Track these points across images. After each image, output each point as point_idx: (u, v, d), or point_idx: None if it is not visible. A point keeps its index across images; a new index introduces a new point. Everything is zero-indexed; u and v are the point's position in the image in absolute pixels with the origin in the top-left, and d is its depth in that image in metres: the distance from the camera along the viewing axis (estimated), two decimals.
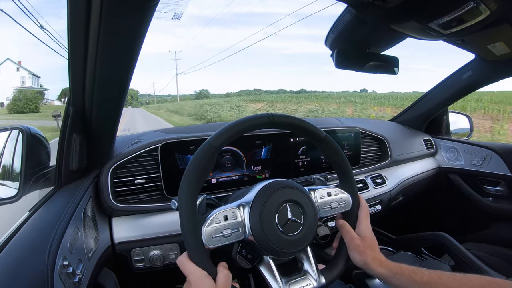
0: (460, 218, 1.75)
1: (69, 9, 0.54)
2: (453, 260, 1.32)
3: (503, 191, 1.54)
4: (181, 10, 0.67)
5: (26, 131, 0.81)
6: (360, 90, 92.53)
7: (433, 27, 0.78)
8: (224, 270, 0.63)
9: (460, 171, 1.69)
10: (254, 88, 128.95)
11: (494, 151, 1.54)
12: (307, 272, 0.73)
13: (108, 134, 0.89)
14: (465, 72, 1.47)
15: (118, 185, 0.95)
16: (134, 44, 0.60)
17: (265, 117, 0.71)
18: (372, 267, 0.71)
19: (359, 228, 0.78)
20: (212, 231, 0.63)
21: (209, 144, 0.66)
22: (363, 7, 0.75)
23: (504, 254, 1.42)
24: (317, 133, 0.77)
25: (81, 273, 0.64)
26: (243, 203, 0.69)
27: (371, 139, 1.52)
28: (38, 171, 0.84)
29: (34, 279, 0.51)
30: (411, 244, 1.51)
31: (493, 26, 0.85)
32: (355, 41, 1.00)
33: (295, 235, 0.68)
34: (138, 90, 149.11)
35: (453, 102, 1.70)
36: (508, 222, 1.53)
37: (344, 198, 0.79)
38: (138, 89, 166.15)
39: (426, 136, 1.80)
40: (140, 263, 0.94)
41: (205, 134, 1.03)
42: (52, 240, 0.58)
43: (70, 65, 0.67)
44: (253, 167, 1.13)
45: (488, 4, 0.69)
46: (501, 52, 1.13)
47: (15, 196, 0.77)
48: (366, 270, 0.73)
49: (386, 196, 1.43)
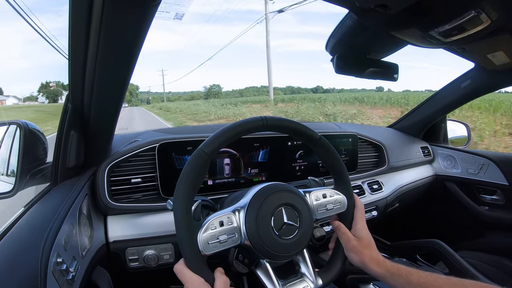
0: (455, 226, 1.75)
1: (71, 6, 0.54)
2: (448, 268, 1.32)
3: (499, 200, 1.55)
4: (183, 10, 0.67)
5: (24, 126, 0.80)
6: (376, 88, 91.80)
7: (434, 35, 0.79)
8: (221, 276, 0.63)
9: (456, 179, 1.69)
10: (261, 85, 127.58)
11: (491, 160, 1.55)
12: (304, 274, 0.73)
13: (106, 132, 0.89)
14: (464, 80, 1.47)
15: (115, 183, 0.95)
16: (135, 43, 0.60)
17: (259, 121, 0.71)
18: (369, 266, 0.71)
19: (355, 229, 0.78)
20: (208, 237, 0.62)
21: (202, 150, 0.66)
22: (364, 13, 0.75)
23: (499, 263, 1.42)
24: (311, 135, 0.78)
25: (74, 270, 0.63)
26: (239, 207, 0.68)
27: (368, 145, 1.52)
28: (35, 167, 0.84)
29: (27, 275, 0.50)
30: (406, 250, 1.51)
31: (494, 36, 0.86)
32: (356, 47, 1.00)
33: (291, 238, 0.68)
34: (138, 85, 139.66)
35: (451, 110, 1.71)
36: (503, 231, 1.53)
37: (339, 199, 0.79)
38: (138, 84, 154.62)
39: (423, 143, 1.80)
40: (134, 262, 0.93)
41: (202, 135, 1.03)
42: (46, 236, 0.58)
43: (70, 62, 0.67)
44: (250, 170, 1.13)
45: (489, 13, 0.69)
46: (501, 62, 1.13)
47: (10, 191, 0.77)
48: (364, 270, 0.73)
49: (383, 202, 1.43)
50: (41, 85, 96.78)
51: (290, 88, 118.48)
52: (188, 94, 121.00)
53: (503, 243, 1.51)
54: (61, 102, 69.95)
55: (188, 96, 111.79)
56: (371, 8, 0.66)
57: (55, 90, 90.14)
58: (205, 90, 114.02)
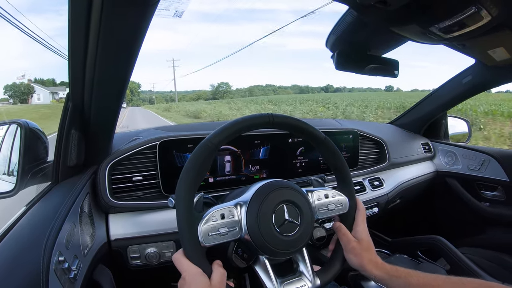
0: (456, 222, 1.76)
1: (70, 5, 0.54)
2: (449, 264, 1.32)
3: (500, 196, 1.55)
4: (183, 8, 0.67)
5: (25, 126, 0.81)
6: (385, 87, 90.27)
7: (434, 31, 0.79)
8: (219, 268, 0.63)
9: (457, 175, 1.69)
10: (266, 83, 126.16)
11: (492, 156, 1.54)
12: (302, 273, 0.73)
13: (106, 131, 0.89)
14: (465, 76, 1.47)
15: (116, 182, 0.95)
16: (135, 42, 0.60)
17: (265, 117, 0.72)
18: (368, 269, 0.72)
19: (356, 231, 0.79)
20: (208, 229, 0.63)
21: (209, 141, 0.66)
22: (364, 9, 0.75)
23: (499, 259, 1.42)
24: (317, 135, 0.78)
25: (76, 269, 0.64)
26: (240, 202, 0.69)
27: (369, 141, 1.52)
28: (36, 166, 0.84)
29: (30, 274, 0.51)
30: (407, 247, 1.51)
31: (494, 32, 0.85)
32: (356, 43, 1.00)
33: (291, 235, 0.68)
34: (139, 82, 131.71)
35: (452, 106, 1.70)
36: (504, 227, 1.53)
37: (341, 200, 0.79)
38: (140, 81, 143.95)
39: (424, 139, 1.80)
40: (136, 260, 0.94)
41: (203, 132, 1.03)
42: (48, 235, 0.58)
43: (70, 61, 0.67)
44: (251, 167, 1.13)
45: (489, 9, 0.69)
46: (502, 58, 1.13)
47: (12, 191, 0.77)
48: (362, 272, 0.73)
49: (384, 198, 1.43)
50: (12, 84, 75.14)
51: (296, 86, 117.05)
52: (195, 93, 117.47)
53: (504, 239, 1.51)
54: (38, 102, 60.25)
55: (194, 95, 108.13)
56: (371, 5, 0.66)
57: (26, 87, 70.86)
58: (212, 89, 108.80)
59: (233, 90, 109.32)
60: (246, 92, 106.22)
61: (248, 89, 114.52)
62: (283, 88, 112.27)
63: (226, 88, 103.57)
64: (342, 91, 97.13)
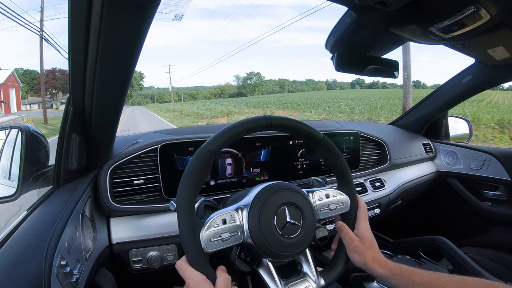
0: (458, 222, 1.75)
1: (70, 8, 0.54)
2: (451, 264, 1.31)
3: (502, 196, 1.54)
4: (182, 11, 0.67)
5: (26, 130, 0.81)
6: (412, 83, 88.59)
7: (434, 31, 0.79)
8: (223, 274, 0.63)
9: (459, 175, 1.69)
10: (293, 79, 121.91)
11: (493, 155, 1.54)
12: (306, 274, 0.73)
13: (107, 134, 0.89)
14: (465, 76, 1.47)
15: (117, 185, 0.95)
16: (135, 45, 0.60)
17: (262, 120, 0.71)
18: (371, 267, 0.71)
19: (358, 229, 0.78)
20: (210, 235, 0.62)
21: (205, 148, 0.66)
22: (363, 11, 0.75)
23: (502, 259, 1.41)
24: (315, 134, 0.78)
25: (78, 273, 0.64)
26: (242, 206, 0.69)
27: (370, 142, 1.52)
28: (37, 170, 0.84)
29: (32, 278, 0.51)
30: (409, 247, 1.51)
31: (494, 31, 0.85)
32: (355, 45, 1.00)
33: (293, 237, 0.68)
34: (142, 72, 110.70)
35: (452, 106, 1.70)
36: (506, 226, 1.52)
37: (342, 199, 0.79)
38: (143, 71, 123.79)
39: (425, 140, 1.80)
40: (138, 264, 0.94)
41: (204, 135, 1.03)
42: (50, 239, 0.58)
43: (71, 65, 0.68)
44: (252, 169, 1.13)
45: (488, 8, 0.69)
46: (501, 57, 1.13)
47: (13, 195, 0.78)
48: (366, 271, 0.73)
49: (385, 199, 1.42)
50: None
51: (310, 81, 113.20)
52: (216, 87, 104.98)
53: (506, 239, 1.50)
54: None
55: (216, 90, 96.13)
56: (370, 6, 0.66)
57: None
58: (237, 83, 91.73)
59: (266, 80, 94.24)
60: (275, 87, 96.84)
61: (278, 82, 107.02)
62: (296, 81, 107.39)
63: (257, 80, 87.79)
64: (375, 87, 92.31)
